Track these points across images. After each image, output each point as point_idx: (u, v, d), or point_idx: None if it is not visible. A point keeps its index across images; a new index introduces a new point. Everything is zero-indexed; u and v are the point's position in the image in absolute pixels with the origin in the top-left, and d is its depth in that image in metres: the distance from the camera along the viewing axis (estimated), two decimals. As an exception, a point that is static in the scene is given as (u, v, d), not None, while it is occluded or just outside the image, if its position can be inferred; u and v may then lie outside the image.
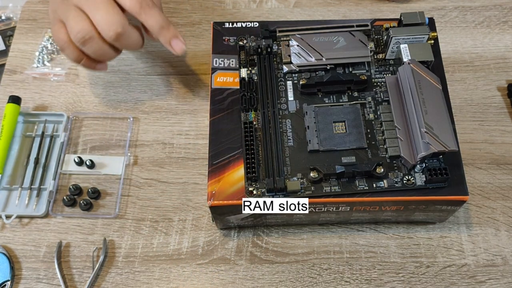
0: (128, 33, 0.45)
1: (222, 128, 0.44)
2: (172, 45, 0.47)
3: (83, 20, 0.44)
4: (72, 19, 0.44)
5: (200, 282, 0.46)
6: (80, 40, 0.44)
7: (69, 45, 0.46)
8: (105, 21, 0.43)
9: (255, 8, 0.60)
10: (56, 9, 0.46)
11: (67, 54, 0.47)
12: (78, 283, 0.46)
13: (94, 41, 0.45)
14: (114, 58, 0.48)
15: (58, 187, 0.50)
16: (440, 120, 0.40)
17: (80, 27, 0.44)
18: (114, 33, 0.44)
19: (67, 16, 0.45)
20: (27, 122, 0.53)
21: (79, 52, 0.46)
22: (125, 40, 0.45)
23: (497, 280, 0.46)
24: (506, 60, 0.57)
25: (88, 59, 0.48)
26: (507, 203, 0.49)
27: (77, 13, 0.44)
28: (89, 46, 0.45)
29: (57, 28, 0.46)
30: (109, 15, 0.43)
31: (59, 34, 0.46)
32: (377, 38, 0.48)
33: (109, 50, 0.46)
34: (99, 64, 0.49)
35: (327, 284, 0.46)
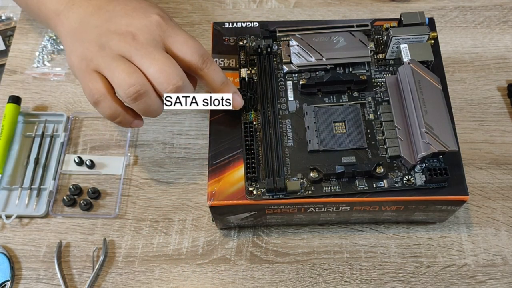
0: (186, 87, 0.40)
1: (222, 128, 0.44)
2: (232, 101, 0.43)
3: (136, 72, 0.39)
4: (121, 71, 0.39)
5: (200, 282, 0.46)
6: (134, 94, 0.39)
7: (106, 98, 0.40)
8: (163, 74, 0.39)
9: (255, 8, 0.60)
10: (91, 58, 0.40)
11: (103, 108, 0.41)
12: (78, 283, 0.46)
13: (148, 96, 0.39)
14: (160, 114, 0.42)
15: (58, 187, 0.50)
16: (440, 120, 0.40)
17: (134, 80, 0.38)
18: (174, 87, 0.39)
19: (111, 67, 0.39)
20: (27, 122, 0.53)
21: (117, 106, 0.41)
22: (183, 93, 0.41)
23: (497, 280, 0.46)
24: (506, 60, 0.57)
25: (128, 114, 0.42)
26: (507, 203, 0.49)
27: (127, 65, 0.39)
28: (142, 101, 0.40)
29: (92, 78, 0.40)
30: (168, 67, 0.39)
31: (95, 85, 0.40)
32: (377, 38, 0.48)
33: (160, 105, 0.41)
34: (136, 120, 0.43)
35: (327, 284, 0.46)
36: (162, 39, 0.41)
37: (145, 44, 0.40)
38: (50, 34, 0.58)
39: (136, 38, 0.40)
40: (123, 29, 0.41)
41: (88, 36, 0.41)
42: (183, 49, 0.41)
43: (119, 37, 0.40)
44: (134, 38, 0.40)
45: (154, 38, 0.40)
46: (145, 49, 0.40)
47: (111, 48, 0.40)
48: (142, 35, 0.40)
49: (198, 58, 0.41)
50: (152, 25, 0.41)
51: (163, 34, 0.41)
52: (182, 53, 0.41)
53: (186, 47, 0.41)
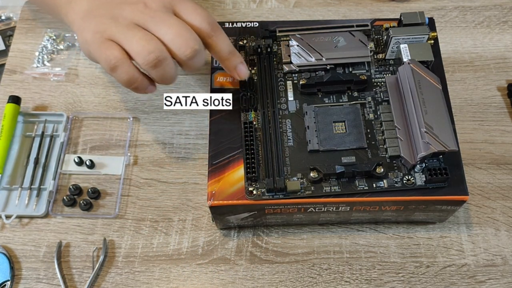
0: (202, 51, 0.41)
1: (222, 128, 0.44)
2: (237, 70, 0.44)
3: (154, 39, 0.39)
4: (139, 38, 0.39)
5: (200, 282, 0.46)
6: (154, 61, 0.39)
7: (124, 63, 0.40)
8: (181, 39, 0.39)
9: (255, 8, 0.60)
10: (105, 29, 0.41)
11: (120, 73, 0.41)
12: (78, 283, 0.46)
13: (167, 62, 0.40)
14: (175, 80, 0.43)
15: (58, 187, 0.50)
16: (440, 120, 0.40)
17: (153, 46, 0.39)
18: (192, 50, 0.40)
19: (127, 35, 0.40)
20: (27, 122, 0.53)
21: (135, 71, 0.41)
22: (198, 59, 0.41)
23: (497, 280, 0.46)
24: (506, 60, 0.57)
25: (144, 80, 0.42)
26: (507, 203, 0.49)
27: (144, 32, 0.40)
28: (161, 68, 0.40)
29: (107, 46, 0.40)
30: (185, 32, 0.40)
31: (111, 51, 0.40)
32: (377, 38, 0.48)
33: (176, 73, 0.42)
34: (151, 86, 0.44)
35: (327, 284, 0.46)
36: (171, 6, 0.42)
37: (158, 11, 0.41)
38: (50, 34, 0.58)
39: (148, 6, 0.41)
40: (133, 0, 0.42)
41: (99, 11, 0.42)
42: (193, 16, 0.41)
43: (131, 6, 0.41)
44: (146, 6, 0.41)
45: (164, 5, 0.41)
46: (159, 16, 0.40)
47: (125, 18, 0.41)
48: (153, 3, 0.41)
49: (207, 26, 0.41)
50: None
51: (172, 1, 0.42)
52: (191, 20, 0.41)
53: (195, 14, 0.42)
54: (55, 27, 0.59)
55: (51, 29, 0.58)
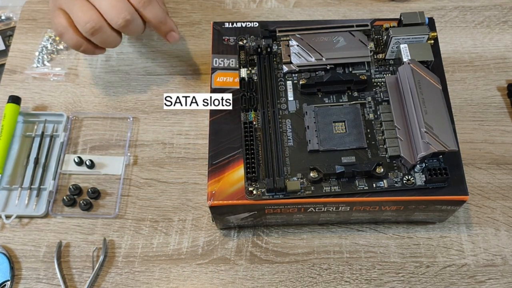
0: (135, 20, 0.46)
1: (222, 128, 0.44)
2: (167, 37, 0.50)
3: (91, 9, 0.45)
4: (78, 9, 0.45)
5: (200, 282, 0.46)
6: (90, 30, 0.45)
7: (68, 30, 0.46)
8: (113, 9, 0.44)
9: (255, 8, 0.60)
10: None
11: (67, 39, 0.47)
12: (78, 283, 0.46)
13: (102, 30, 0.45)
14: (118, 44, 0.48)
15: (58, 187, 0.50)
16: (440, 120, 0.40)
17: (88, 17, 0.44)
18: (123, 20, 0.45)
19: (71, 5, 0.45)
20: (27, 122, 0.53)
21: (78, 38, 0.47)
22: (131, 27, 0.46)
23: (497, 280, 0.46)
24: (506, 60, 0.57)
25: (89, 45, 0.48)
26: (507, 203, 0.49)
27: (83, 3, 0.45)
28: (98, 36, 0.46)
29: (56, 14, 0.46)
30: (117, 2, 0.44)
31: (58, 20, 0.46)
32: (377, 38, 0.48)
33: (116, 37, 0.47)
34: (98, 49, 0.49)
35: (327, 284, 0.46)
36: None
37: None
38: (50, 34, 0.58)
39: None
40: None
41: None
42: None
43: None
44: None
45: None
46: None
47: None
48: None
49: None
50: None
51: None
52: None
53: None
54: (55, 27, 0.59)
55: (51, 29, 0.58)
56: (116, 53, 0.57)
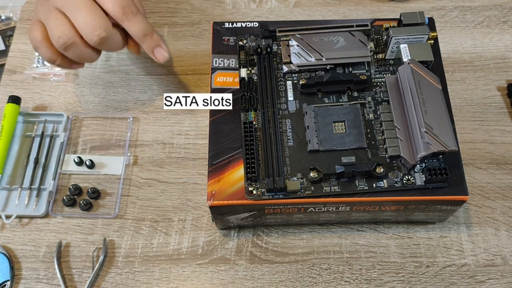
0: (112, 37, 0.44)
1: (222, 128, 0.44)
2: (154, 54, 0.46)
3: (65, 24, 0.43)
4: (53, 23, 0.43)
5: (200, 282, 0.46)
6: (62, 45, 0.43)
7: (42, 44, 0.45)
8: (88, 26, 0.42)
9: (255, 8, 0.60)
10: (38, 9, 0.45)
11: (41, 53, 0.46)
12: (78, 283, 0.46)
13: (76, 46, 0.44)
14: (95, 60, 0.47)
15: (58, 187, 0.50)
16: (440, 120, 0.40)
17: (61, 32, 0.43)
18: (98, 38, 0.43)
19: (47, 18, 0.44)
20: (27, 122, 0.53)
21: (53, 52, 0.45)
22: (108, 44, 0.44)
23: (497, 280, 0.46)
24: (506, 60, 0.57)
25: (64, 59, 0.46)
26: (507, 203, 0.49)
27: (58, 16, 0.43)
28: (71, 51, 0.44)
29: (34, 27, 0.45)
30: (92, 19, 0.42)
31: (34, 33, 0.45)
32: (377, 38, 0.48)
33: (91, 53, 0.45)
34: (74, 64, 0.48)
35: (327, 284, 0.46)
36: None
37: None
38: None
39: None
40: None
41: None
42: (106, 1, 0.43)
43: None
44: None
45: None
46: (74, 2, 0.43)
47: (50, 2, 0.44)
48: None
49: (118, 9, 0.43)
50: None
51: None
52: (104, 5, 0.43)
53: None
54: (55, 27, 0.59)
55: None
56: (116, 53, 0.57)
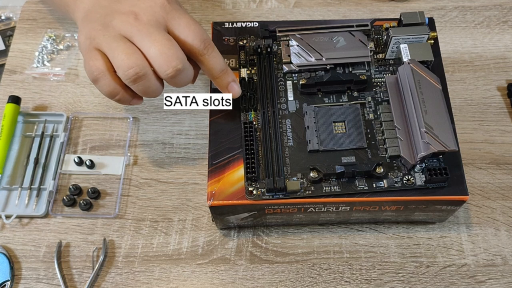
0: (186, 70, 0.40)
1: (222, 128, 0.44)
2: (229, 89, 0.43)
3: (136, 53, 0.38)
4: (121, 51, 0.38)
5: (200, 282, 0.46)
6: (132, 77, 0.38)
7: (105, 76, 0.40)
8: (163, 56, 0.38)
9: (255, 8, 0.60)
10: (94, 36, 0.40)
11: (102, 85, 0.40)
12: (78, 283, 0.46)
13: (147, 78, 0.39)
14: (157, 96, 0.42)
15: (58, 187, 0.50)
16: (440, 120, 0.40)
17: (132, 62, 0.38)
18: (174, 70, 0.38)
19: (112, 46, 0.39)
20: (27, 122, 0.53)
21: (116, 84, 0.40)
22: (181, 77, 0.40)
23: (497, 280, 0.46)
24: (506, 60, 0.57)
25: (126, 93, 0.41)
26: (507, 203, 0.49)
27: (128, 45, 0.39)
28: (141, 83, 0.39)
29: (92, 56, 0.40)
30: (168, 49, 0.38)
31: (94, 62, 0.39)
32: (377, 38, 0.48)
33: (159, 87, 0.41)
34: (135, 99, 0.43)
35: (327, 284, 0.46)
36: (165, 21, 0.41)
37: (147, 24, 0.39)
38: (50, 34, 0.58)
39: (138, 18, 0.40)
40: (126, 9, 0.41)
41: (95, 16, 0.41)
42: (185, 33, 0.41)
43: (121, 16, 0.40)
44: (136, 18, 0.40)
45: (156, 19, 0.40)
46: (147, 30, 0.39)
47: (114, 28, 0.40)
48: (145, 16, 0.40)
49: (199, 43, 0.41)
50: (156, 6, 0.41)
51: (166, 16, 0.41)
52: (184, 37, 0.41)
53: (188, 31, 0.41)
54: (55, 27, 0.59)
55: (51, 29, 0.59)
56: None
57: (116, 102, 0.43)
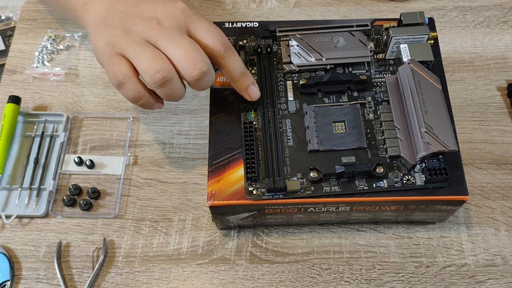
0: (210, 72, 0.40)
1: (222, 128, 0.44)
2: (248, 92, 0.44)
3: (162, 58, 0.39)
4: (148, 56, 0.39)
5: (200, 282, 0.46)
6: (159, 81, 0.39)
7: (131, 81, 0.40)
8: (188, 59, 0.39)
9: (255, 8, 0.60)
10: (116, 42, 0.40)
11: (127, 90, 0.41)
12: (78, 283, 0.46)
13: (173, 82, 0.40)
14: (180, 99, 0.43)
15: (58, 187, 0.50)
16: (440, 120, 0.40)
17: (160, 66, 0.39)
18: (199, 72, 0.39)
19: (137, 51, 0.39)
20: (27, 122, 0.53)
21: (141, 89, 0.41)
22: (206, 80, 0.40)
23: (497, 280, 0.46)
24: (506, 60, 0.57)
25: (150, 97, 0.42)
26: (507, 203, 0.49)
27: (152, 50, 0.39)
28: (168, 87, 0.40)
29: (116, 61, 0.40)
30: (193, 53, 0.39)
31: (119, 67, 0.40)
32: (377, 38, 0.48)
33: (183, 90, 0.42)
34: (158, 103, 0.43)
35: (327, 284, 0.46)
36: (186, 25, 0.41)
37: (169, 29, 0.40)
38: (50, 34, 0.58)
39: (161, 23, 0.40)
40: (148, 14, 0.41)
41: (113, 21, 0.42)
42: (206, 37, 0.41)
43: (144, 21, 0.40)
44: (159, 23, 0.40)
45: (178, 23, 0.41)
46: (170, 34, 0.40)
47: (136, 33, 0.40)
48: (167, 21, 0.40)
49: (220, 47, 0.41)
50: (177, 11, 0.41)
51: (187, 20, 0.41)
52: (205, 40, 0.41)
53: (209, 35, 0.41)
54: (55, 27, 0.59)
55: (51, 29, 0.59)
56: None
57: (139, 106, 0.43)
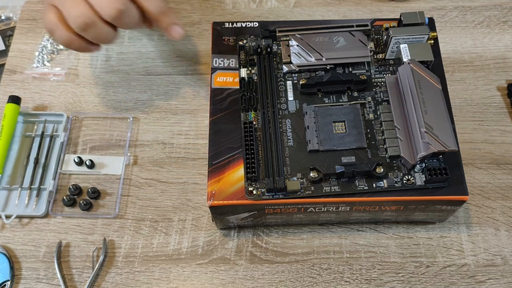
0: (129, 10, 0.43)
1: (222, 128, 0.44)
2: (170, 31, 0.45)
3: (82, 3, 0.42)
4: (70, 3, 0.42)
5: (200, 282, 0.46)
6: (81, 25, 0.42)
7: (58, 27, 0.43)
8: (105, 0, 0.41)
9: (255, 8, 0.60)
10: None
11: (57, 36, 0.44)
12: (78, 283, 0.46)
13: (95, 25, 0.42)
14: (113, 40, 0.45)
15: (58, 187, 0.50)
16: (440, 120, 0.40)
17: (79, 11, 0.42)
18: (115, 10, 0.41)
19: (61, 1, 0.43)
20: (27, 122, 0.53)
21: (69, 34, 0.44)
22: (125, 18, 0.43)
23: (497, 280, 0.46)
24: (506, 60, 0.57)
25: (81, 41, 0.45)
26: (507, 203, 0.49)
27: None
28: (91, 31, 0.43)
29: (47, 11, 0.44)
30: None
31: (49, 16, 0.43)
32: (377, 38, 0.48)
33: (110, 32, 0.44)
34: (92, 46, 0.46)
35: (327, 284, 0.46)
36: None
37: None
38: (50, 34, 0.58)
39: None
40: None
41: None
42: None
43: None
44: None
45: None
46: None
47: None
48: None
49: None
50: None
51: None
52: None
53: None
54: (55, 27, 0.59)
55: (50, 29, 0.58)
56: (116, 53, 0.57)
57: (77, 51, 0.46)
